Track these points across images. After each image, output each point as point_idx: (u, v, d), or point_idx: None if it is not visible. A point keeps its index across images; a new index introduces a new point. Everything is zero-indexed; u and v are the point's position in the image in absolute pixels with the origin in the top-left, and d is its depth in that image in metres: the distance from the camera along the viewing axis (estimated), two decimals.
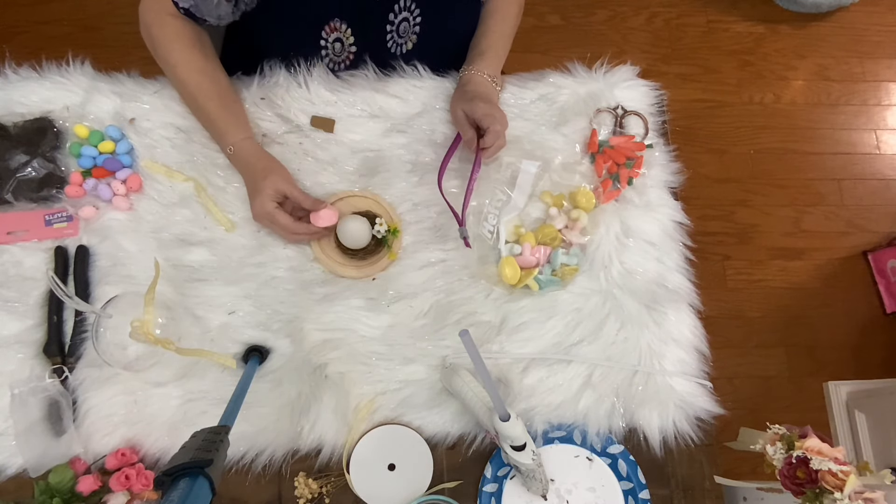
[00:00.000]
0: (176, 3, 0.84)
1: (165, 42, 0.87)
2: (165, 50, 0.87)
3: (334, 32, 0.94)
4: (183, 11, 0.85)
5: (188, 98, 0.90)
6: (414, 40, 0.99)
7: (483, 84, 0.93)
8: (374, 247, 0.88)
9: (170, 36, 0.87)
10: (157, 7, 0.86)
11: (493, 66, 0.95)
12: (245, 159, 0.88)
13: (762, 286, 1.91)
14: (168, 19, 0.87)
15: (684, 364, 0.88)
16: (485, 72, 0.93)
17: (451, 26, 0.99)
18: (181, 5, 0.85)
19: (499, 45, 0.98)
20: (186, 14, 0.86)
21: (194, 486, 0.50)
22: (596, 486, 0.83)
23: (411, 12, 0.94)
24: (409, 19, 0.95)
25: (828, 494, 0.71)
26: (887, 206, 2.01)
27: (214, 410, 0.82)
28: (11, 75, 0.93)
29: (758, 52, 2.14)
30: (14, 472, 0.78)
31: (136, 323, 0.74)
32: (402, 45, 0.99)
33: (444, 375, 0.83)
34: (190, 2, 0.84)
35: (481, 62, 0.94)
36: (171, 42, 0.87)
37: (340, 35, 0.94)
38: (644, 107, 0.99)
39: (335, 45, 0.96)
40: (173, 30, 0.87)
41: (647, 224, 0.92)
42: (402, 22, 0.95)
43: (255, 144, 0.89)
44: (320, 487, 0.80)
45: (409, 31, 0.97)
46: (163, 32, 0.87)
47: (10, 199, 0.86)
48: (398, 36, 0.97)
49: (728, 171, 2.01)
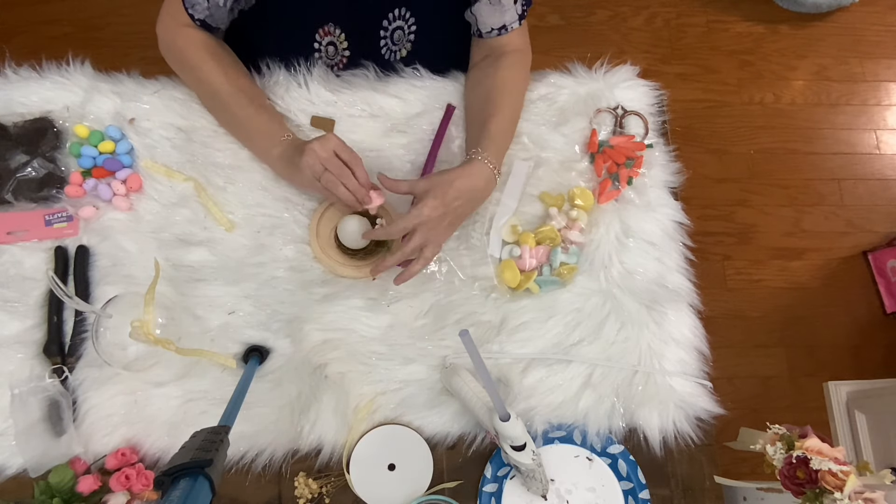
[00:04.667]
0: (192, 16, 0.84)
1: (192, 52, 0.87)
2: (193, 60, 0.87)
3: (328, 36, 0.94)
4: (199, 24, 0.85)
5: (221, 106, 0.89)
6: (408, 48, 0.98)
7: (481, 177, 0.83)
8: (373, 247, 0.88)
9: (195, 46, 0.87)
10: (174, 22, 0.87)
11: (500, 153, 0.88)
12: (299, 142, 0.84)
13: (762, 286, 1.91)
14: (188, 31, 0.87)
15: (684, 364, 0.88)
16: (488, 158, 0.84)
17: (445, 36, 0.98)
18: (197, 17, 0.85)
19: (509, 130, 0.91)
20: (202, 25, 0.86)
21: (194, 486, 0.50)
22: (596, 486, 0.83)
23: (406, 21, 0.93)
24: (404, 28, 0.94)
25: (828, 494, 0.71)
26: (887, 206, 2.01)
27: (214, 410, 0.82)
28: (11, 75, 0.93)
29: (758, 52, 2.14)
30: (14, 472, 0.78)
31: (136, 323, 0.74)
32: (396, 52, 0.98)
33: (444, 375, 0.83)
34: (205, 13, 0.84)
35: (490, 147, 0.85)
36: (198, 51, 0.87)
37: (334, 39, 0.94)
38: (644, 107, 0.99)
39: (328, 49, 0.95)
40: (196, 40, 0.87)
41: (647, 224, 0.92)
42: (396, 30, 0.94)
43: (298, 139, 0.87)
44: (320, 487, 0.80)
45: (404, 39, 0.96)
46: (187, 43, 0.87)
47: (10, 199, 0.86)
48: (392, 43, 0.96)
49: (728, 171, 2.01)
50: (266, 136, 0.87)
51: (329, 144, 0.79)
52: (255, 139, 0.88)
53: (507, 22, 0.91)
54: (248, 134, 0.89)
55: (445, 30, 0.97)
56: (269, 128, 0.86)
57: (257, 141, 0.88)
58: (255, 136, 0.88)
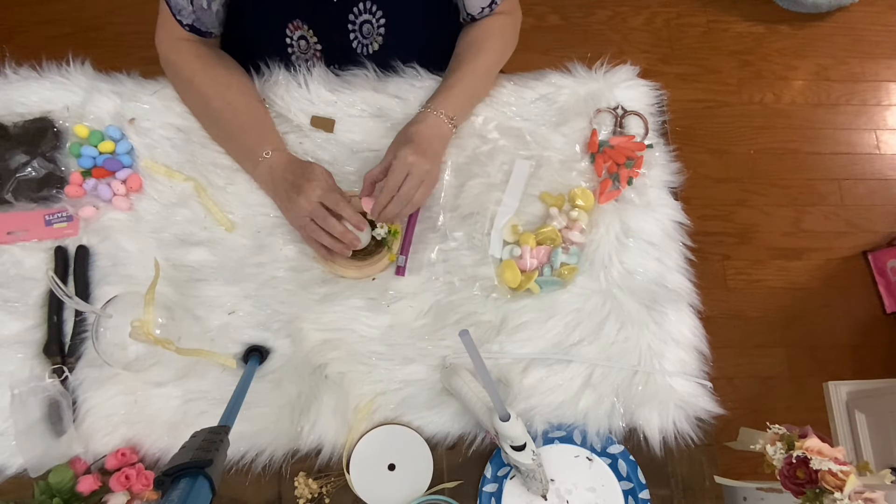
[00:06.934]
0: (180, 22, 0.84)
1: (185, 66, 0.88)
2: (186, 70, 0.87)
3: (298, 31, 0.94)
4: (188, 28, 0.85)
5: (212, 117, 0.89)
6: (380, 41, 0.97)
7: (434, 125, 0.87)
8: (374, 247, 0.88)
9: (188, 60, 0.88)
10: (169, 37, 0.87)
11: (457, 105, 0.89)
12: (282, 166, 0.85)
13: (762, 286, 1.91)
14: (182, 45, 0.88)
15: (684, 364, 0.88)
16: (442, 110, 0.87)
17: (416, 29, 0.97)
18: (185, 23, 0.85)
19: (468, 81, 0.91)
20: (192, 31, 0.86)
21: (194, 486, 0.50)
22: (596, 486, 0.83)
23: (373, 14, 0.92)
24: (372, 21, 0.93)
25: (828, 494, 0.71)
26: (887, 206, 2.01)
27: (214, 410, 0.82)
28: (11, 75, 0.93)
29: (758, 52, 2.14)
30: (14, 472, 0.78)
31: (136, 323, 0.74)
32: (367, 46, 0.97)
33: (444, 375, 0.83)
34: (192, 17, 0.84)
35: (444, 99, 0.89)
36: (191, 66, 0.87)
37: (304, 33, 0.94)
38: (644, 107, 0.99)
39: (300, 43, 0.95)
40: (190, 54, 0.88)
41: (647, 224, 0.92)
42: (364, 24, 0.93)
43: (290, 154, 0.88)
44: (320, 487, 0.80)
45: (374, 32, 0.95)
46: (180, 57, 0.88)
47: (10, 199, 0.86)
48: (363, 37, 0.95)
49: (728, 171, 2.01)
50: (246, 157, 0.88)
51: (313, 196, 0.81)
52: (240, 159, 0.90)
53: None
54: (234, 153, 0.90)
55: (417, 21, 0.96)
56: (250, 147, 0.87)
57: (241, 161, 0.90)
58: (238, 156, 0.90)
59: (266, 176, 0.87)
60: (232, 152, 0.90)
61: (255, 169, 0.87)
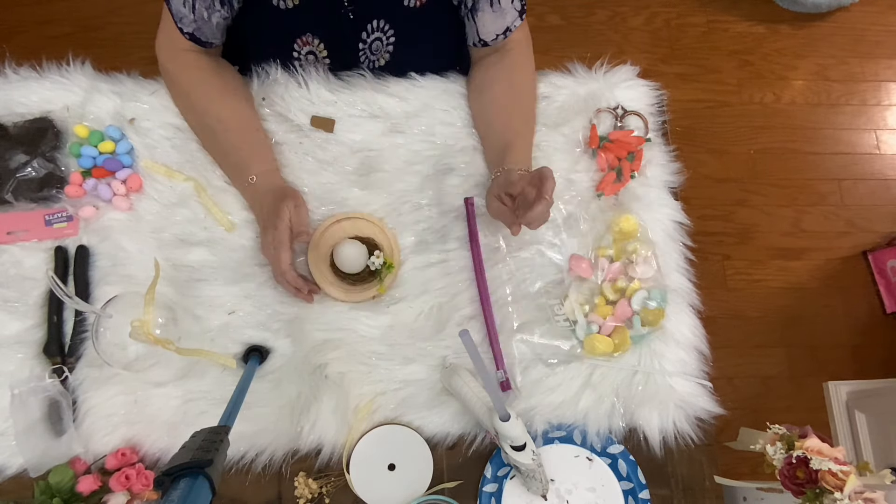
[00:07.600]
0: (181, 29, 0.84)
1: (181, 73, 0.88)
2: (181, 80, 0.87)
3: (307, 45, 0.93)
4: (188, 37, 0.85)
5: (205, 131, 0.89)
6: (387, 58, 0.97)
7: None
8: (366, 275, 0.87)
9: (187, 72, 0.88)
10: (170, 45, 0.87)
11: (525, 155, 0.88)
12: (266, 188, 0.85)
13: (762, 286, 1.91)
14: (181, 55, 0.87)
15: (684, 364, 0.88)
16: (519, 166, 0.85)
17: (424, 49, 0.97)
18: (185, 31, 0.84)
19: (524, 128, 0.91)
20: (192, 39, 0.85)
21: (194, 486, 0.50)
22: (596, 486, 0.83)
23: (384, 33, 0.92)
24: (382, 39, 0.93)
25: (828, 494, 0.71)
26: (887, 206, 2.01)
27: (214, 410, 0.82)
28: (11, 75, 0.93)
29: (758, 52, 2.14)
30: (14, 472, 0.78)
31: (136, 323, 0.74)
32: (374, 62, 0.97)
33: (444, 375, 0.83)
34: (192, 25, 0.83)
35: (511, 156, 0.86)
36: (189, 78, 0.88)
37: (313, 48, 0.94)
38: (644, 107, 0.99)
39: (308, 57, 0.95)
40: (190, 66, 0.88)
41: (647, 224, 0.92)
42: (374, 41, 0.93)
43: (279, 176, 0.88)
44: (320, 487, 0.80)
45: (382, 49, 0.95)
46: (178, 68, 0.88)
47: (10, 199, 0.86)
48: (371, 53, 0.95)
49: (728, 171, 2.01)
50: (236, 176, 0.89)
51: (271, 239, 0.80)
52: (231, 177, 0.90)
53: (510, 23, 0.90)
54: (225, 171, 0.90)
55: (426, 42, 0.97)
56: (238, 167, 0.87)
57: (231, 179, 0.90)
58: (228, 173, 0.90)
59: (251, 200, 0.88)
60: (223, 169, 0.90)
61: (244, 191, 0.88)
